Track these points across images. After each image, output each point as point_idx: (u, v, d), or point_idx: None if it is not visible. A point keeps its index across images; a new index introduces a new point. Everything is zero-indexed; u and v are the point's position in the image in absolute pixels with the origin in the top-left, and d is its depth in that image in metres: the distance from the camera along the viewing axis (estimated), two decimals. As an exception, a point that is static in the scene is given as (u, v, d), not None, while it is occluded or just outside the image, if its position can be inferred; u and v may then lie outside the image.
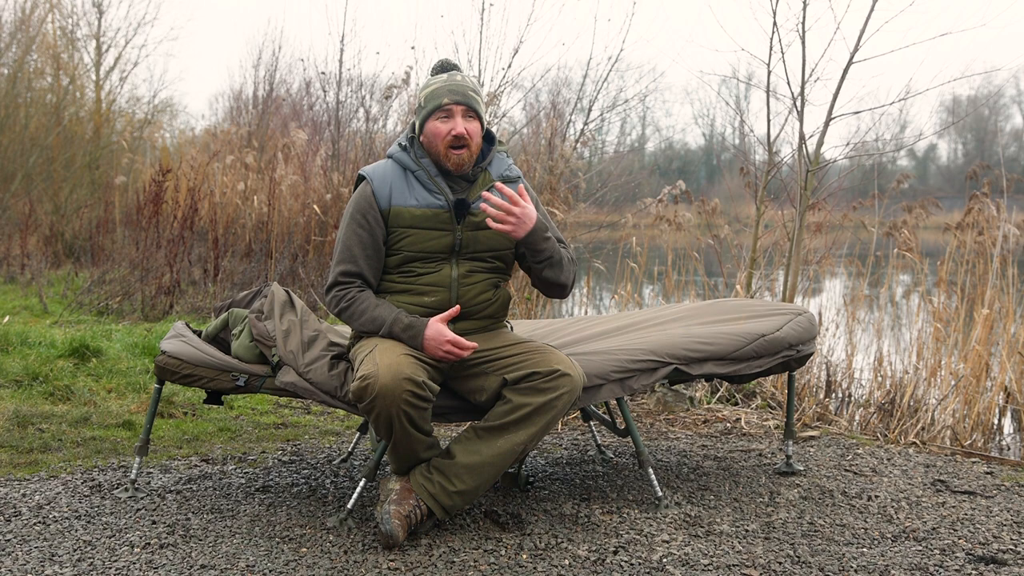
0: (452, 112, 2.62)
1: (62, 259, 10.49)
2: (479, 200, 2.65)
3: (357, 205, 2.66)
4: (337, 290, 2.66)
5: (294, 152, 9.72)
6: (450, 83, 2.64)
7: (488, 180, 2.71)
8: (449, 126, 2.61)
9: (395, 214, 2.64)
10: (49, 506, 2.78)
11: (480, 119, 2.66)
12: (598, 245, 7.66)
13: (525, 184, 2.77)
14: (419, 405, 2.41)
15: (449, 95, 2.62)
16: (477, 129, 2.65)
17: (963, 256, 5.02)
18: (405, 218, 2.63)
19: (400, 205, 2.64)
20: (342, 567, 2.32)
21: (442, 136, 2.61)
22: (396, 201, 2.64)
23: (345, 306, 2.64)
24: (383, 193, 2.65)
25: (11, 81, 11.77)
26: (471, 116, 2.64)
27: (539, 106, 8.13)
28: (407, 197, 2.64)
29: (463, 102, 2.62)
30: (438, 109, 2.62)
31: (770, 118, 5.16)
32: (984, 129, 29.93)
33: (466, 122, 2.62)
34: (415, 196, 2.64)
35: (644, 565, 2.38)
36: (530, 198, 2.73)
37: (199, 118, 29.04)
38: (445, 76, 2.68)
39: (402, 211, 2.64)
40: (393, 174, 2.68)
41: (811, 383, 4.68)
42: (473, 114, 2.64)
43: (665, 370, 2.86)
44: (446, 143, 2.61)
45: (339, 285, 2.66)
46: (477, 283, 2.68)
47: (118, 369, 4.73)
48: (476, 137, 2.65)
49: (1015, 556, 2.51)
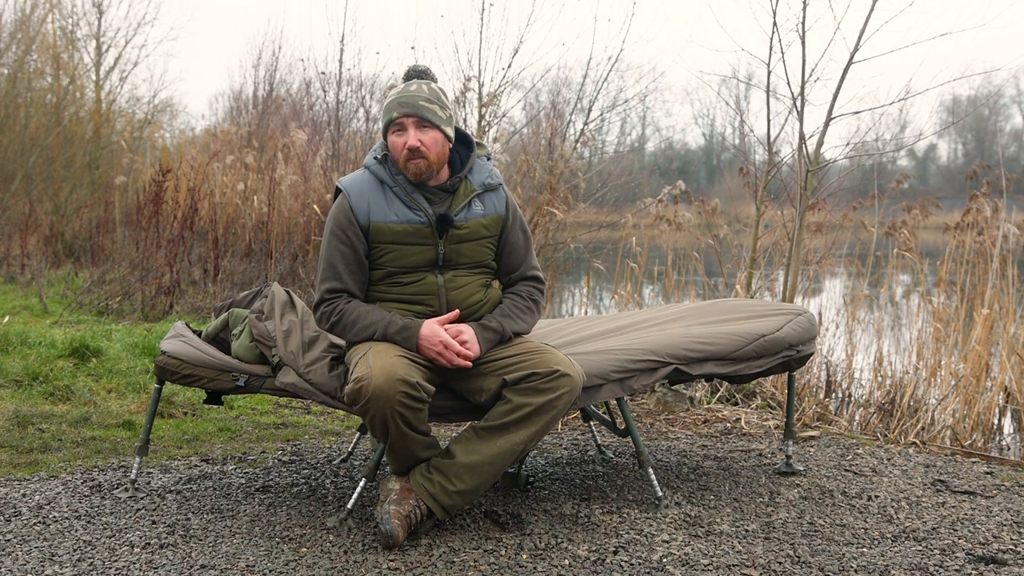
0: (404, 125, 2.59)
1: (62, 259, 10.49)
2: (462, 211, 2.65)
3: (336, 221, 2.64)
4: (324, 306, 2.66)
5: (294, 152, 9.72)
6: (402, 95, 2.61)
7: (469, 190, 2.69)
8: (403, 139, 2.59)
9: (375, 230, 2.62)
10: (49, 506, 2.78)
11: (438, 127, 2.61)
12: (598, 245, 7.66)
13: (507, 192, 2.78)
14: (413, 406, 2.41)
15: (398, 108, 2.59)
16: (435, 138, 2.60)
17: (963, 256, 5.02)
18: (385, 234, 2.62)
19: (380, 221, 2.62)
20: (342, 567, 2.32)
21: (399, 149, 2.60)
22: (375, 217, 2.62)
23: (336, 319, 2.63)
24: (361, 208, 2.63)
25: (11, 81, 11.77)
26: (425, 126, 2.59)
27: (539, 106, 8.14)
28: (386, 212, 2.62)
29: (412, 113, 2.58)
30: (391, 123, 2.61)
31: (770, 118, 5.16)
32: (984, 129, 29.94)
33: (419, 133, 2.58)
34: (394, 211, 2.62)
35: (644, 565, 2.38)
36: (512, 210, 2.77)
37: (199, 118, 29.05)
38: (401, 87, 2.65)
39: (382, 227, 2.62)
40: (370, 188, 2.65)
41: (811, 383, 4.68)
42: (427, 123, 2.59)
43: (665, 370, 2.86)
44: (403, 156, 2.59)
45: (326, 302, 2.66)
46: (464, 287, 2.68)
47: (118, 369, 4.73)
48: (435, 147, 2.60)
49: (1015, 556, 2.51)
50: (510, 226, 2.77)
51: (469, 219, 2.67)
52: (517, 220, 2.79)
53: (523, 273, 2.81)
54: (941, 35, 4.92)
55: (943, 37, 8.01)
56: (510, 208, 2.77)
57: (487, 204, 2.71)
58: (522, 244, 2.80)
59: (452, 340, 2.52)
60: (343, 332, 2.64)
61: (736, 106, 8.60)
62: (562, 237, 7.19)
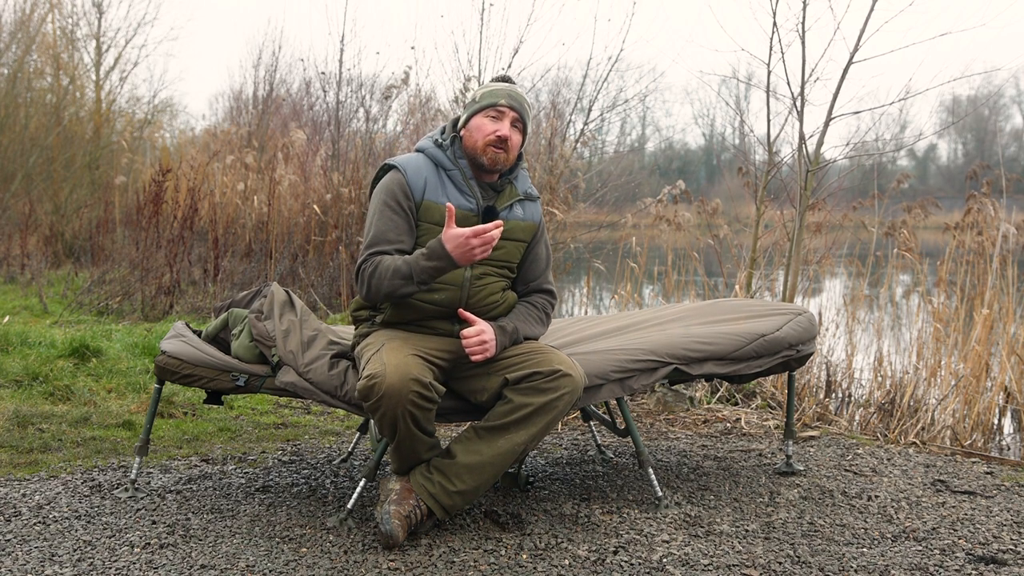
0: (504, 114, 2.68)
1: (62, 259, 10.49)
2: (507, 208, 2.72)
3: (389, 191, 2.65)
4: (365, 264, 2.61)
5: (294, 152, 9.72)
6: (511, 90, 2.72)
7: (514, 193, 2.76)
8: (496, 126, 2.66)
9: (426, 208, 2.65)
10: (49, 506, 2.78)
11: (523, 134, 2.74)
12: (598, 245, 7.66)
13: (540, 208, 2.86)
14: (425, 406, 2.41)
15: (507, 99, 2.68)
16: (518, 142, 2.72)
17: (963, 256, 5.02)
18: (435, 215, 2.64)
19: (432, 200, 2.65)
20: (342, 567, 2.32)
21: (486, 133, 2.65)
22: (429, 196, 2.65)
23: (371, 271, 2.57)
24: (417, 185, 2.65)
25: (11, 81, 11.77)
26: (517, 127, 2.71)
27: (539, 106, 8.12)
28: (439, 194, 2.65)
29: (517, 109, 2.69)
30: (491, 107, 2.68)
31: (770, 118, 5.16)
32: (984, 129, 29.94)
33: (512, 130, 2.68)
34: (447, 194, 2.66)
35: (644, 565, 2.38)
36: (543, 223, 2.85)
37: (199, 118, 29.06)
38: (506, 85, 2.75)
39: (433, 207, 2.64)
40: (427, 169, 2.69)
41: (811, 383, 4.68)
42: (520, 125, 2.71)
43: (665, 370, 2.86)
44: (488, 140, 2.65)
45: (368, 261, 2.61)
46: (488, 284, 2.70)
47: (118, 369, 4.73)
48: (515, 148, 2.71)
49: (1015, 556, 2.51)
50: (539, 238, 2.83)
51: (510, 218, 2.72)
52: (544, 235, 2.87)
53: (540, 285, 2.86)
54: (941, 35, 4.93)
55: (943, 37, 8.02)
56: (542, 222, 2.86)
57: (527, 211, 2.79)
58: (544, 258, 2.87)
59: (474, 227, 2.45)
60: (379, 285, 2.56)
61: (736, 106, 8.59)
62: (562, 237, 7.19)
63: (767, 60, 5.03)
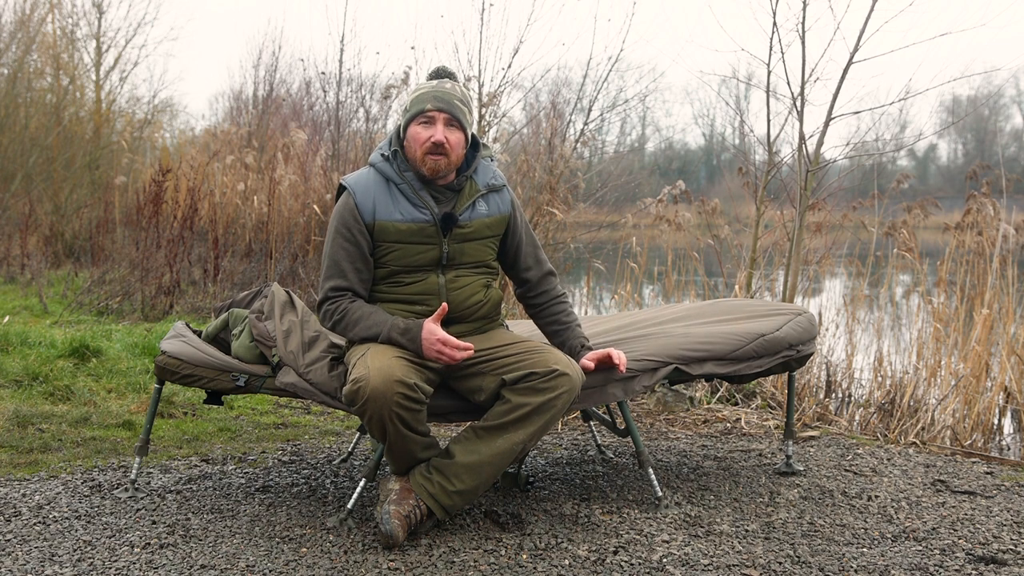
0: (434, 119, 2.59)
1: (62, 259, 10.49)
2: (466, 211, 2.66)
3: (341, 218, 2.64)
4: (328, 304, 2.65)
5: (294, 152, 9.72)
6: (437, 90, 2.62)
7: (475, 189, 2.69)
8: (429, 132, 2.58)
9: (380, 228, 2.62)
10: (49, 506, 2.78)
11: (464, 130, 2.63)
12: (598, 245, 7.66)
13: (511, 192, 2.79)
14: (411, 407, 2.41)
15: (433, 101, 2.59)
16: (459, 140, 2.62)
17: (963, 256, 5.02)
18: (390, 233, 2.61)
19: (385, 219, 2.61)
20: (342, 567, 2.32)
21: (421, 141, 2.59)
22: (380, 215, 2.61)
23: (338, 318, 2.63)
24: (367, 207, 2.62)
25: (11, 81, 11.77)
26: (453, 125, 2.61)
27: (539, 106, 8.13)
28: (392, 211, 2.61)
29: (446, 110, 2.59)
30: (420, 114, 2.60)
31: (770, 118, 5.16)
32: (984, 129, 29.92)
33: (447, 131, 2.59)
34: (400, 210, 2.62)
35: (644, 565, 2.38)
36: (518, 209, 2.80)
37: (199, 118, 29.02)
38: (435, 82, 2.66)
39: (387, 226, 2.61)
40: (376, 186, 2.64)
41: (811, 383, 4.68)
42: (456, 124, 2.61)
43: (665, 370, 2.86)
44: (424, 149, 2.58)
45: (330, 300, 2.65)
46: (465, 287, 2.68)
47: (118, 369, 4.73)
48: (457, 148, 2.62)
49: (1015, 556, 2.51)
50: (514, 227, 2.79)
51: (473, 219, 2.67)
52: (520, 218, 2.82)
53: (541, 271, 2.84)
54: (941, 35, 4.91)
55: (943, 37, 8.02)
56: (516, 208, 2.80)
57: (491, 204, 2.72)
58: (529, 242, 2.83)
59: (451, 338, 2.51)
60: (345, 331, 2.64)
61: (736, 106, 8.59)
62: (562, 237, 7.19)
63: (767, 60, 5.04)
